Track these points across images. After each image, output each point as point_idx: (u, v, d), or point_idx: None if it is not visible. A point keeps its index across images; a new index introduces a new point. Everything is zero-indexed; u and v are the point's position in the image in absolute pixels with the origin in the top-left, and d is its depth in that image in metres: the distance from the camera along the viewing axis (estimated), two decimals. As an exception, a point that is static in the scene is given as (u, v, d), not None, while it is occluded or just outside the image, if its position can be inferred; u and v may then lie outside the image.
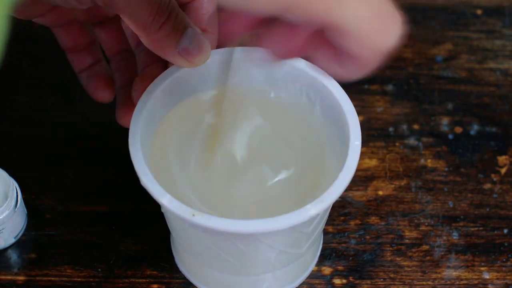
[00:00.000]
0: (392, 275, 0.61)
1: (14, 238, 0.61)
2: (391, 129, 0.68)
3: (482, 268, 0.61)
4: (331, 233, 0.62)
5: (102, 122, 0.66)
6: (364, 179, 0.65)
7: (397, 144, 0.67)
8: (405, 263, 0.61)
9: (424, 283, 0.61)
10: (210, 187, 0.54)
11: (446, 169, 0.66)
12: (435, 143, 0.67)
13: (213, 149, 0.55)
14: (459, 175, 0.66)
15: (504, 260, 0.62)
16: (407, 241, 0.62)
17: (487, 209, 0.64)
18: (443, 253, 0.62)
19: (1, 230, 0.59)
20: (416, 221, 0.63)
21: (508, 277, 0.61)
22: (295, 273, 0.59)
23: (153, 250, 0.61)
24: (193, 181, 0.54)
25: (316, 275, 0.61)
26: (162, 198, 0.49)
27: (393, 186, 0.65)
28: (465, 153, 0.67)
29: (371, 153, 0.66)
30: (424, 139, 0.67)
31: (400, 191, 0.65)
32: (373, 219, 0.63)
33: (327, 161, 0.54)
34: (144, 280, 0.60)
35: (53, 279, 0.60)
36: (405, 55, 0.72)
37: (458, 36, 0.73)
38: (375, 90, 0.70)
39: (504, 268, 0.61)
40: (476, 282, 0.61)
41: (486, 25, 0.74)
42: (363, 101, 0.69)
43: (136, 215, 0.63)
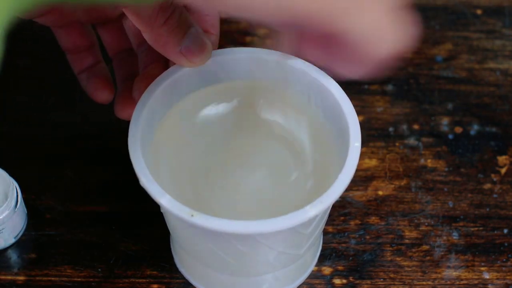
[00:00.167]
0: (392, 275, 0.61)
1: (14, 238, 0.61)
2: (391, 129, 0.68)
3: (482, 268, 0.61)
4: (331, 233, 0.62)
5: (102, 122, 0.66)
6: (364, 179, 0.65)
7: (397, 144, 0.67)
8: (405, 263, 0.61)
9: (424, 283, 0.60)
10: (210, 188, 0.54)
11: (446, 169, 0.66)
12: (435, 143, 0.67)
13: (214, 150, 0.55)
14: (459, 175, 0.65)
15: (504, 260, 0.62)
16: (407, 241, 0.62)
17: (487, 209, 0.64)
18: (443, 253, 0.62)
19: (1, 230, 0.59)
20: (416, 221, 0.63)
21: (508, 277, 0.61)
22: (295, 273, 0.59)
23: (153, 250, 0.61)
24: (192, 181, 0.54)
25: (316, 275, 0.61)
26: (161, 198, 0.49)
27: (393, 186, 0.65)
28: (465, 153, 0.67)
29: (371, 153, 0.66)
30: (424, 139, 0.67)
31: (400, 191, 0.65)
32: (373, 219, 0.63)
33: (327, 161, 0.54)
34: (144, 280, 0.60)
35: (53, 279, 0.60)
36: (405, 55, 0.72)
37: (458, 36, 0.73)
38: (375, 90, 0.70)
39: (504, 268, 0.61)
40: (476, 282, 0.61)
41: (486, 25, 0.74)
42: (363, 101, 0.69)
43: (136, 215, 0.63)
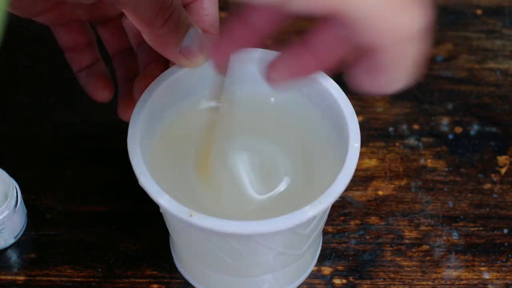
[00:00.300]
0: (392, 275, 0.61)
1: (14, 238, 0.61)
2: (391, 129, 0.68)
3: (482, 268, 0.61)
4: (331, 233, 0.62)
5: (102, 122, 0.66)
6: (364, 179, 0.65)
7: (397, 144, 0.67)
8: (405, 263, 0.61)
9: (424, 283, 0.60)
10: (209, 188, 0.54)
11: (446, 169, 0.66)
12: (435, 143, 0.67)
13: (214, 150, 0.55)
14: (459, 175, 0.65)
15: (504, 260, 0.62)
16: (407, 241, 0.62)
17: (487, 209, 0.64)
18: (443, 253, 0.62)
19: (1, 230, 0.59)
20: (416, 221, 0.63)
21: (508, 277, 0.61)
22: (294, 273, 0.59)
23: (153, 250, 0.61)
24: (192, 181, 0.54)
25: (316, 275, 0.61)
26: (160, 198, 0.49)
27: (393, 186, 0.65)
28: (465, 153, 0.66)
29: (371, 153, 0.66)
30: (424, 139, 0.67)
31: (400, 191, 0.65)
32: (373, 219, 0.63)
33: (327, 162, 0.54)
34: (144, 280, 0.60)
35: (53, 279, 0.60)
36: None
37: (458, 36, 0.73)
38: (375, 90, 0.69)
39: (504, 268, 0.61)
40: (476, 282, 0.60)
41: (486, 25, 0.74)
42: (363, 101, 0.69)
43: (136, 215, 0.63)
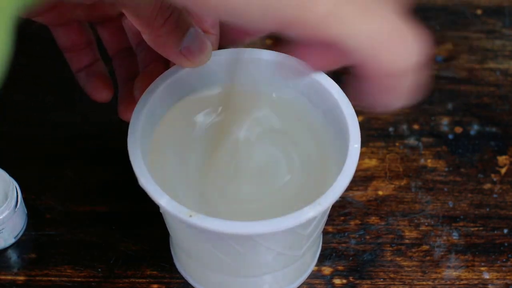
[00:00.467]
0: (392, 275, 0.61)
1: (14, 238, 0.61)
2: (391, 129, 0.68)
3: (482, 268, 0.61)
4: (331, 233, 0.62)
5: (102, 122, 0.66)
6: (364, 179, 0.65)
7: (397, 144, 0.67)
8: (405, 263, 0.61)
9: (424, 283, 0.60)
10: (209, 188, 0.54)
11: (446, 169, 0.66)
12: (435, 143, 0.67)
13: (214, 151, 0.55)
14: (459, 175, 0.65)
15: (504, 260, 0.62)
16: (407, 241, 0.62)
17: (487, 209, 0.64)
18: (443, 253, 0.62)
19: (1, 230, 0.59)
20: (416, 221, 0.63)
21: (508, 277, 0.61)
22: (294, 274, 0.59)
23: (153, 250, 0.61)
24: (192, 181, 0.54)
25: (316, 275, 0.61)
26: (160, 199, 0.49)
27: (393, 186, 0.65)
28: (465, 153, 0.66)
29: (371, 153, 0.66)
30: (424, 139, 0.67)
31: (400, 191, 0.65)
32: (373, 219, 0.63)
33: (327, 163, 0.54)
34: (144, 280, 0.60)
35: (53, 279, 0.60)
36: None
37: (458, 36, 0.73)
38: (375, 90, 0.69)
39: (504, 268, 0.61)
40: (476, 282, 0.60)
41: (486, 25, 0.74)
42: (363, 101, 0.69)
43: (136, 215, 0.63)
